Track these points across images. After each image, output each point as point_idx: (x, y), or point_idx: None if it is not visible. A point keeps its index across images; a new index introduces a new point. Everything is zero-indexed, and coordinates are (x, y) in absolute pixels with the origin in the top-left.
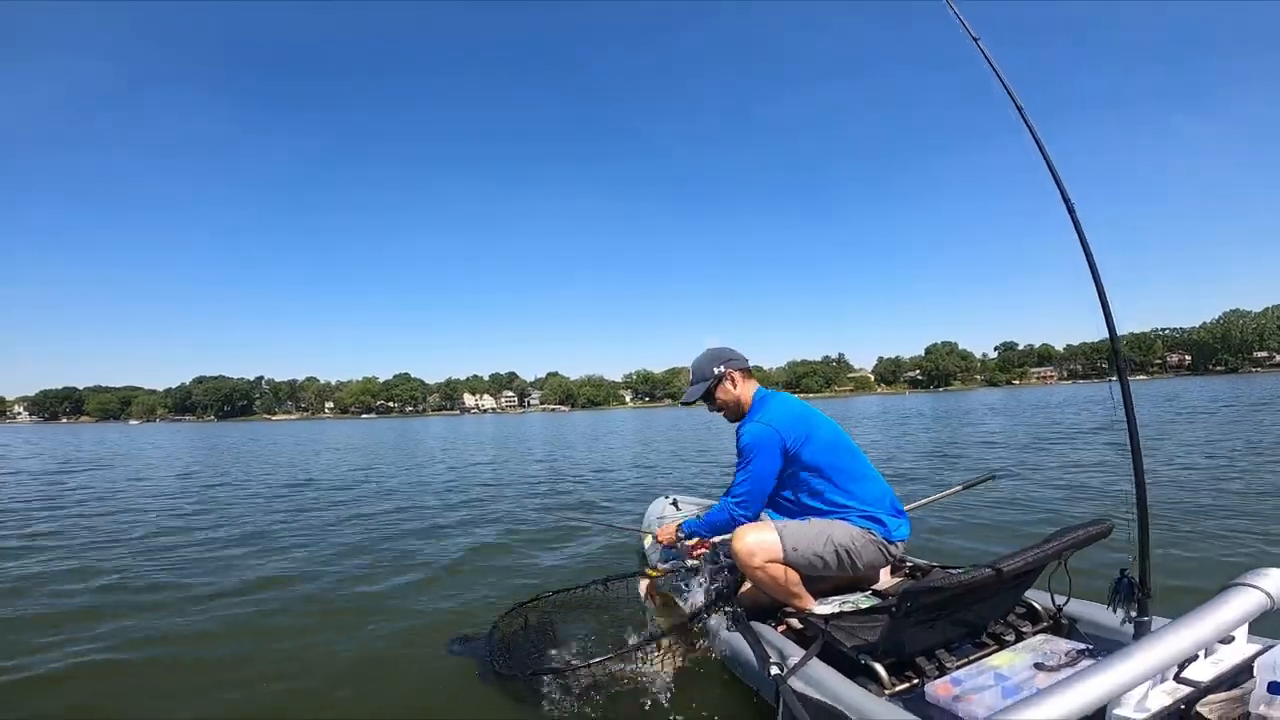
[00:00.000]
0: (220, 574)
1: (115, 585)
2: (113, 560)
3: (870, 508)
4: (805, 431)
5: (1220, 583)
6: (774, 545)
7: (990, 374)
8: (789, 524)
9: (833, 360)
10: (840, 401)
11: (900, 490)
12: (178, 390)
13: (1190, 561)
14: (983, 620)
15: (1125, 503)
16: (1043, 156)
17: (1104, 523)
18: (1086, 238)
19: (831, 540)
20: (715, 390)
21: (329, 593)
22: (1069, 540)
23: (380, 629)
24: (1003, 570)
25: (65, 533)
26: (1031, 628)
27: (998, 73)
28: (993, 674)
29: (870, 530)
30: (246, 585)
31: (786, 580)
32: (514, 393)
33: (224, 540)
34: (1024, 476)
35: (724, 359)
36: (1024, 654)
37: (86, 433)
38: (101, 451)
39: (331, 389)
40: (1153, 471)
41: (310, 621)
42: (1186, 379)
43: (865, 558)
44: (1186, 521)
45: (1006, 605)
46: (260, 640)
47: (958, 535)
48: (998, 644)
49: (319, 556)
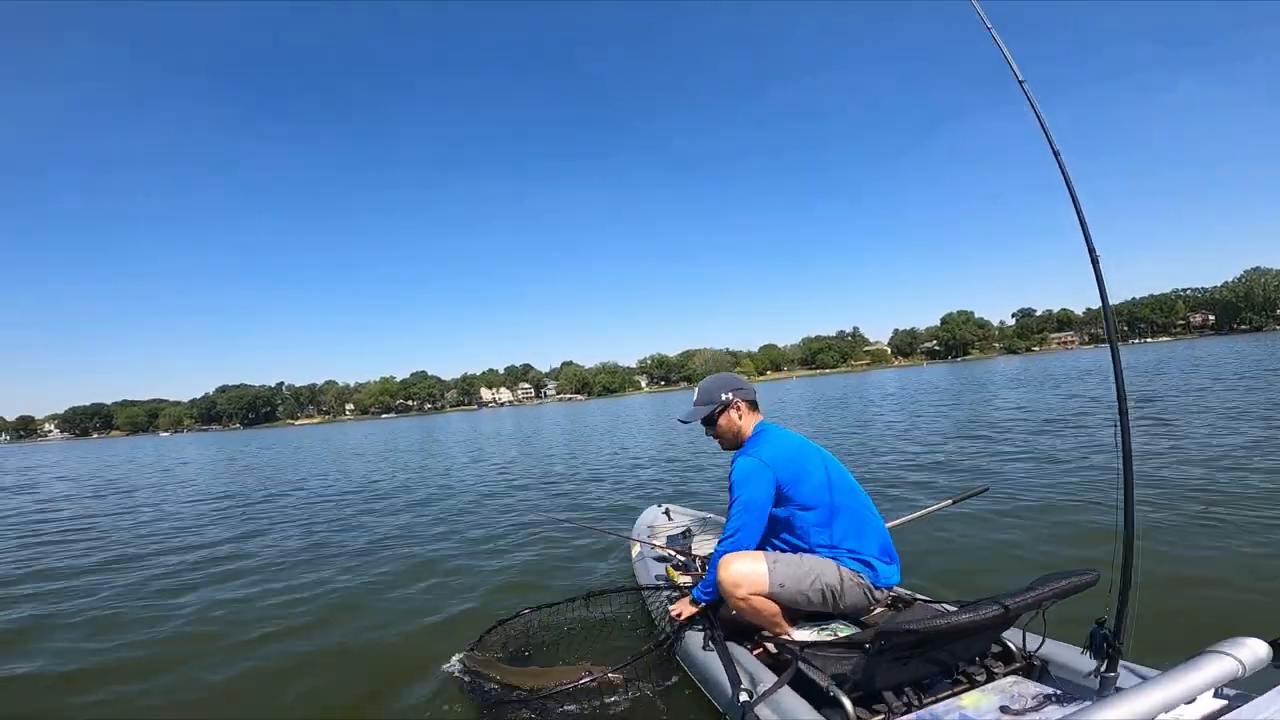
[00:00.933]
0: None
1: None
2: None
3: (862, 552)
4: (800, 469)
5: (1202, 635)
6: (761, 578)
7: (1009, 341)
8: (780, 558)
9: (847, 334)
10: (856, 376)
11: (895, 499)
12: (202, 400)
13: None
14: (955, 660)
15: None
16: (1043, 132)
17: (1090, 574)
18: (1082, 210)
19: (820, 580)
20: (719, 416)
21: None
22: (1050, 590)
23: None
24: (979, 618)
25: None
26: (1004, 668)
27: (997, 41)
28: (959, 714)
29: (859, 574)
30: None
31: (768, 612)
32: (530, 384)
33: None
34: (1020, 487)
35: (734, 386)
36: (992, 695)
37: (128, 447)
38: (195, 471)
39: (351, 391)
40: (1179, 450)
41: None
42: (1211, 339)
43: (849, 600)
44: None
45: (982, 647)
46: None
47: (941, 556)
48: (969, 683)
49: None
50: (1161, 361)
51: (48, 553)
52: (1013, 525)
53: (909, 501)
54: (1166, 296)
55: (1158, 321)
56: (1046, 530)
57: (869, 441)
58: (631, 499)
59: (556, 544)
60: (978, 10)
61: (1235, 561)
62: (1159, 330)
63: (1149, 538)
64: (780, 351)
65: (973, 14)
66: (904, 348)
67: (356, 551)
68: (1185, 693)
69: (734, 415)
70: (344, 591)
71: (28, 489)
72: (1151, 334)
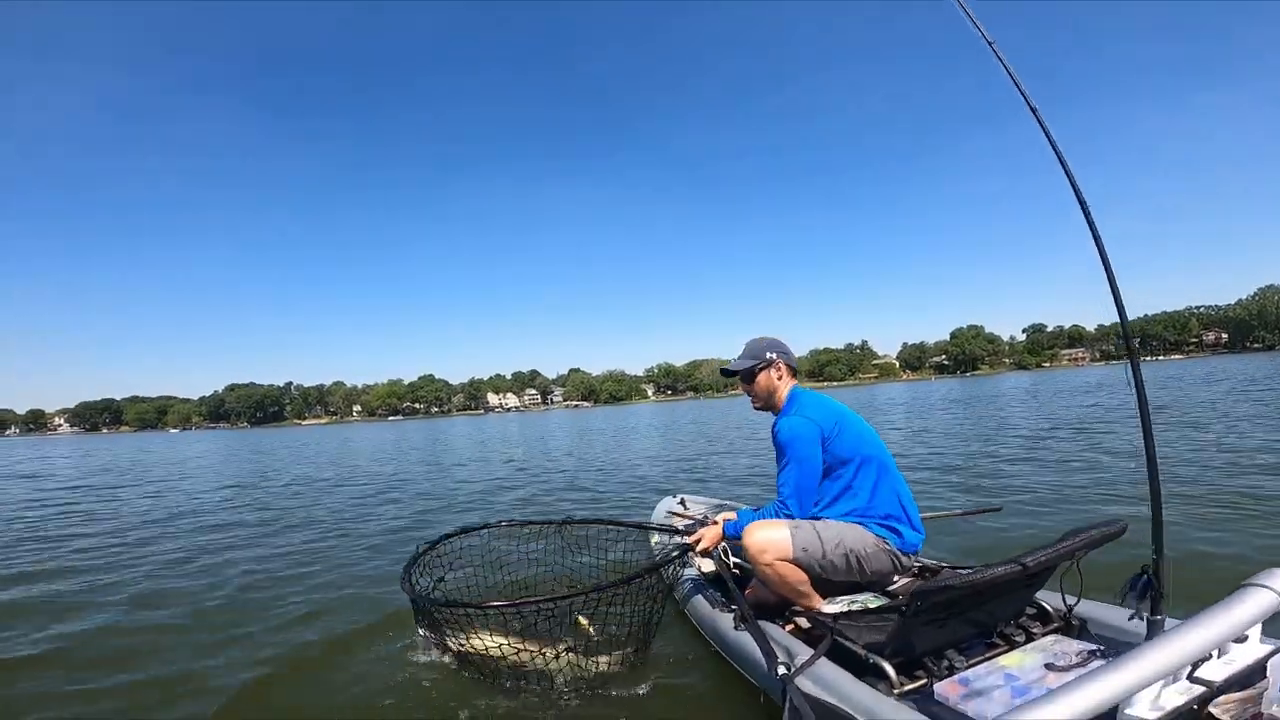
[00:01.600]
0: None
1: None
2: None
3: (890, 517)
4: (840, 426)
5: (1236, 581)
6: (784, 543)
7: (1019, 357)
8: (802, 524)
9: (855, 347)
10: (865, 389)
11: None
12: (211, 398)
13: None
14: (993, 620)
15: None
16: (1055, 154)
17: (1118, 523)
18: (1096, 226)
19: (844, 544)
20: (759, 372)
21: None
22: (1082, 540)
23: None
24: (1014, 570)
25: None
26: (1042, 628)
27: (999, 55)
28: (1002, 674)
29: (885, 539)
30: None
31: (795, 579)
32: (536, 390)
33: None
34: (1034, 507)
35: (780, 349)
36: (1034, 654)
37: (139, 442)
38: (234, 471)
39: (358, 392)
40: (1198, 457)
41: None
42: (1224, 357)
43: (875, 565)
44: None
45: (1017, 606)
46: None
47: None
48: (1008, 644)
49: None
50: (1171, 378)
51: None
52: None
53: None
54: (1179, 314)
55: (1170, 339)
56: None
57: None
58: (641, 496)
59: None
60: (977, 27)
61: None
62: (1171, 348)
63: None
64: None
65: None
66: (912, 362)
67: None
68: (1232, 627)
69: (773, 375)
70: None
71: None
72: (1164, 351)
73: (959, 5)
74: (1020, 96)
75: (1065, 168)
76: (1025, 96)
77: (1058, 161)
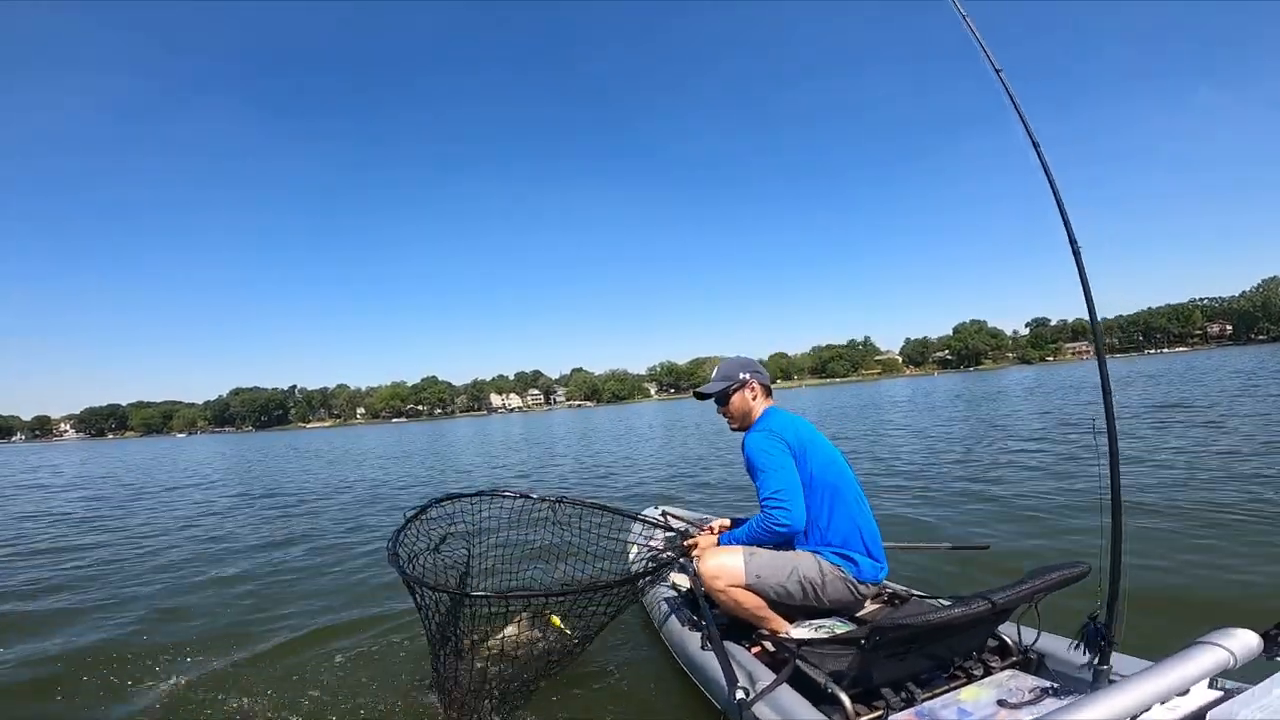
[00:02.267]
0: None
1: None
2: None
3: (846, 546)
4: (805, 446)
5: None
6: (737, 570)
7: (1023, 351)
8: (757, 551)
9: (858, 344)
10: (869, 385)
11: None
12: (216, 403)
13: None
14: (952, 654)
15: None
16: (1019, 119)
17: (1080, 566)
18: (1069, 218)
19: (797, 572)
20: (733, 393)
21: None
22: (1043, 583)
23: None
24: (973, 612)
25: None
26: (1000, 662)
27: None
28: (957, 708)
29: (840, 568)
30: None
31: (751, 604)
32: (539, 391)
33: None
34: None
35: (753, 369)
36: (989, 689)
37: (148, 447)
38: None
39: (362, 395)
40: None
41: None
42: (1229, 349)
43: (831, 594)
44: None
45: (977, 642)
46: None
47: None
48: (966, 677)
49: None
50: (1166, 370)
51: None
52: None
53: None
54: (1183, 306)
55: (1174, 331)
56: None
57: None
58: (631, 496)
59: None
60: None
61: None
62: (1175, 340)
63: (1143, 538)
64: (790, 360)
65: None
66: (916, 357)
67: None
68: (1178, 683)
69: (747, 395)
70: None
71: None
72: (1168, 344)
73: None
74: (988, 64)
75: (1030, 134)
76: (990, 60)
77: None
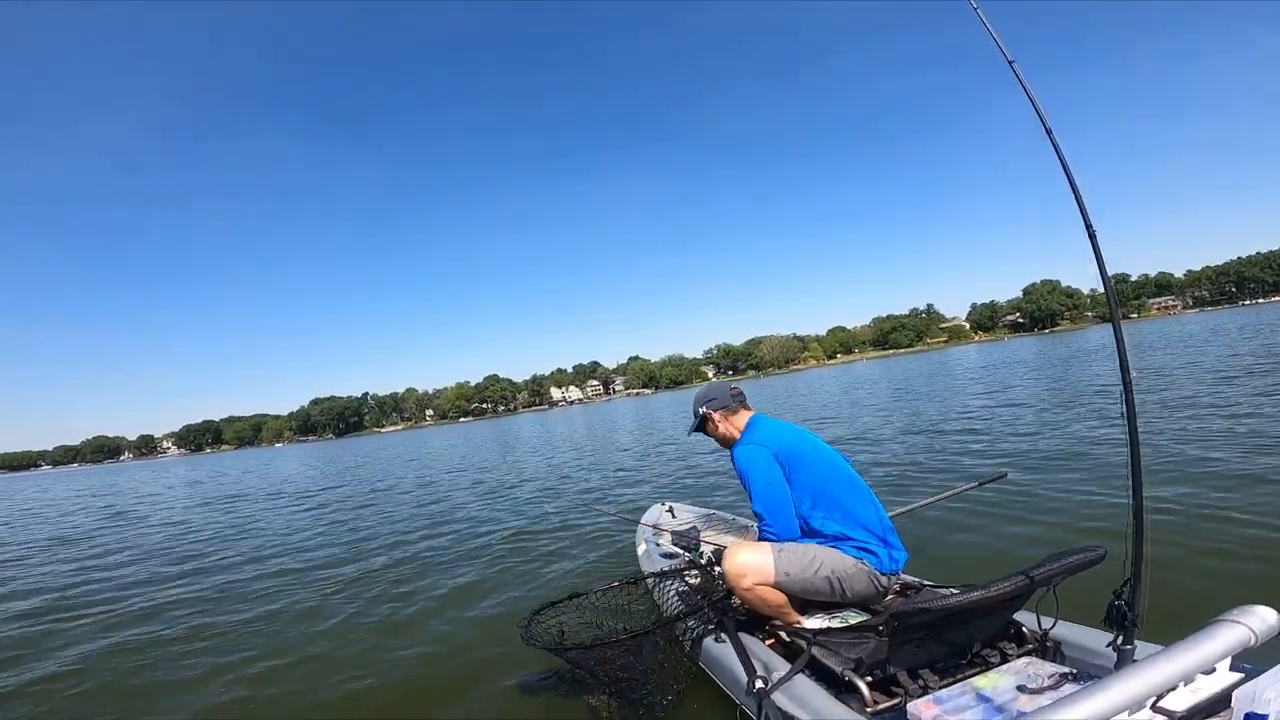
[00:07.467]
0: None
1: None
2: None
3: (865, 539)
4: (793, 452)
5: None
6: (767, 568)
7: (1102, 310)
8: (785, 547)
9: (921, 312)
10: (935, 354)
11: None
12: (299, 413)
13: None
14: (969, 641)
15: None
16: (1035, 111)
17: (1096, 550)
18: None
19: (825, 567)
20: (705, 427)
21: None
22: (1059, 567)
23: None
24: (990, 595)
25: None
26: (1017, 649)
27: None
28: (975, 695)
29: (863, 561)
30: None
31: (775, 601)
32: (598, 381)
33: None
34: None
35: (705, 400)
36: (1008, 676)
37: (252, 458)
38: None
39: (430, 397)
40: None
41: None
42: None
43: (856, 587)
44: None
45: (994, 628)
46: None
47: (963, 532)
48: (983, 664)
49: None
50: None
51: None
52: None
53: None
54: (1278, 253)
55: (1269, 281)
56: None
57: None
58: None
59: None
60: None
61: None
62: (1271, 290)
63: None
64: (850, 333)
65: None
66: (984, 322)
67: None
68: (1201, 661)
69: (715, 424)
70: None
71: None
72: (1264, 294)
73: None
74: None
75: (1044, 123)
76: (1003, 51)
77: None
